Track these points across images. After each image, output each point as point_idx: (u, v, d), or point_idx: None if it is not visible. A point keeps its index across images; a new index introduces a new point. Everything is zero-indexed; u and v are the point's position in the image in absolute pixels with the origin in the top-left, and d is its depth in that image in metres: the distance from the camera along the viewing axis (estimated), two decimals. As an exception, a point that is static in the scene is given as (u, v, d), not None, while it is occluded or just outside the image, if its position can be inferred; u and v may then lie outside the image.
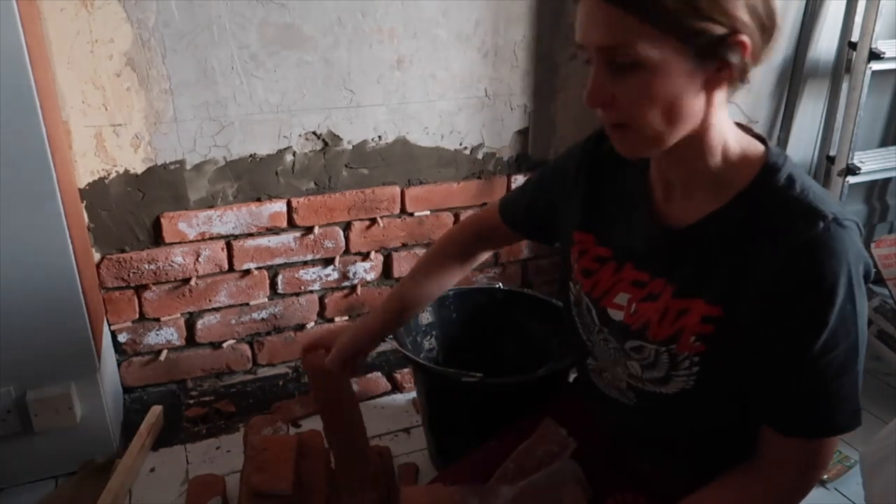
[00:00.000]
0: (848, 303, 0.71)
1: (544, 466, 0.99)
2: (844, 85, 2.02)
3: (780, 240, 0.71)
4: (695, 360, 0.79)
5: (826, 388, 0.74)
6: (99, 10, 1.44)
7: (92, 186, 1.57)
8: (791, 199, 0.73)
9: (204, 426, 1.69)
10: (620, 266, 0.87)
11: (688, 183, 0.79)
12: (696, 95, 0.70)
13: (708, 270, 0.77)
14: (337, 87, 1.69)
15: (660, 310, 0.81)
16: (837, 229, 0.70)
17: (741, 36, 0.67)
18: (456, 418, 1.46)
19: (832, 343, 0.72)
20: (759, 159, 0.76)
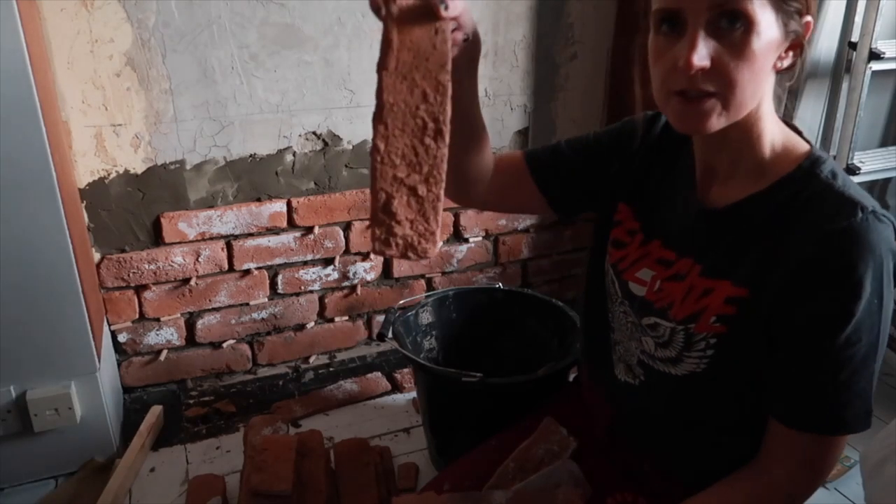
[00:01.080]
0: (875, 297, 0.71)
1: (545, 466, 0.99)
2: (844, 85, 2.02)
3: (817, 226, 0.72)
4: (711, 341, 0.79)
5: (843, 381, 0.73)
6: (99, 10, 1.44)
7: (92, 186, 1.57)
8: (832, 189, 0.74)
9: (204, 426, 1.69)
10: (647, 241, 0.88)
11: (730, 168, 0.80)
12: (770, 71, 0.73)
13: (740, 252, 0.77)
14: (337, 87, 1.69)
15: (685, 289, 0.81)
16: (875, 221, 0.71)
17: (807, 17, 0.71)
18: (456, 418, 1.46)
19: (856, 336, 0.71)
20: (804, 153, 0.78)
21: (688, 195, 0.85)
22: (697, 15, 0.68)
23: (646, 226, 0.89)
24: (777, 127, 0.78)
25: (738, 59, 0.69)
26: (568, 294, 2.18)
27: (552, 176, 0.98)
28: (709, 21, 0.68)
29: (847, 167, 2.00)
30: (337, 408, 1.76)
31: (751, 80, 0.70)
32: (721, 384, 0.82)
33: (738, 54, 0.69)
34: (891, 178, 2.29)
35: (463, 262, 2.01)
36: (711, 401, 0.84)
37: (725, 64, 0.69)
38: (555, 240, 2.10)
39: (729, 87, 0.70)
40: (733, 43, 0.68)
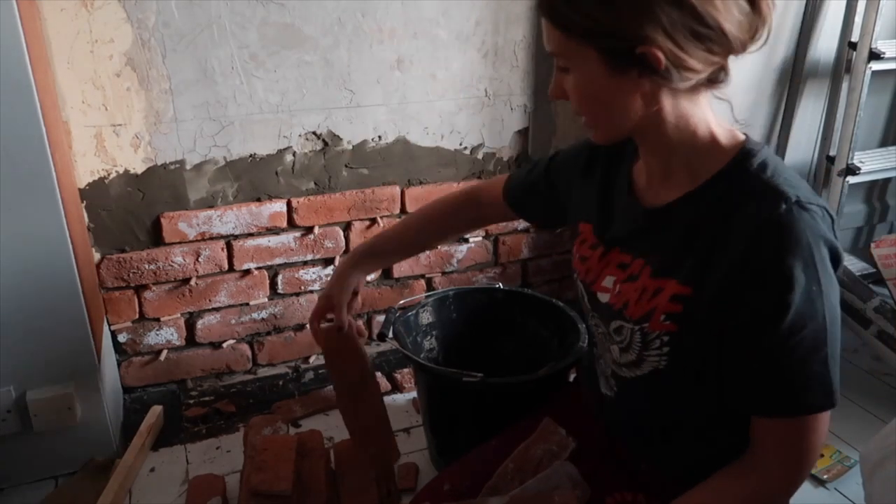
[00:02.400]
0: (813, 284, 0.73)
1: (544, 466, 0.99)
2: (844, 85, 2.02)
3: (746, 221, 0.74)
4: (665, 339, 0.81)
5: (794, 368, 0.75)
6: (99, 10, 1.44)
7: (92, 186, 1.57)
8: (760, 181, 0.76)
9: (204, 426, 1.69)
10: (608, 251, 0.91)
11: (664, 168, 0.84)
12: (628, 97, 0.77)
13: (682, 251, 0.80)
14: (337, 87, 1.69)
15: (638, 289, 0.84)
16: (799, 211, 0.73)
17: (650, 48, 0.72)
18: (456, 418, 1.46)
19: (799, 324, 0.73)
20: (737, 147, 0.80)
21: (630, 198, 0.89)
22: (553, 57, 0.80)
23: (604, 237, 0.92)
24: (704, 125, 0.80)
25: (575, 96, 0.80)
26: (568, 294, 2.18)
27: (531, 207, 1.12)
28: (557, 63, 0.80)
29: (847, 167, 2.00)
30: (337, 408, 1.76)
31: (598, 109, 0.80)
32: (685, 379, 0.84)
33: (574, 92, 0.80)
34: (891, 178, 2.29)
35: (463, 262, 2.01)
36: (682, 396, 0.86)
37: (572, 99, 0.80)
38: (555, 240, 2.10)
39: (580, 113, 0.81)
40: (571, 84, 0.79)
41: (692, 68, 0.74)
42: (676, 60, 0.73)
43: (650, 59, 0.72)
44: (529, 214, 1.16)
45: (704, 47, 0.73)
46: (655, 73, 0.73)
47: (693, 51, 0.72)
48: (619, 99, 0.77)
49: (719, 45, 0.73)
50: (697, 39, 0.72)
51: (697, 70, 0.74)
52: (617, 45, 0.73)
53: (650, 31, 0.71)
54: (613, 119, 0.80)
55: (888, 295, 1.78)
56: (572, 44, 0.75)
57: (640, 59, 0.73)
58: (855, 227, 2.43)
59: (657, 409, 0.90)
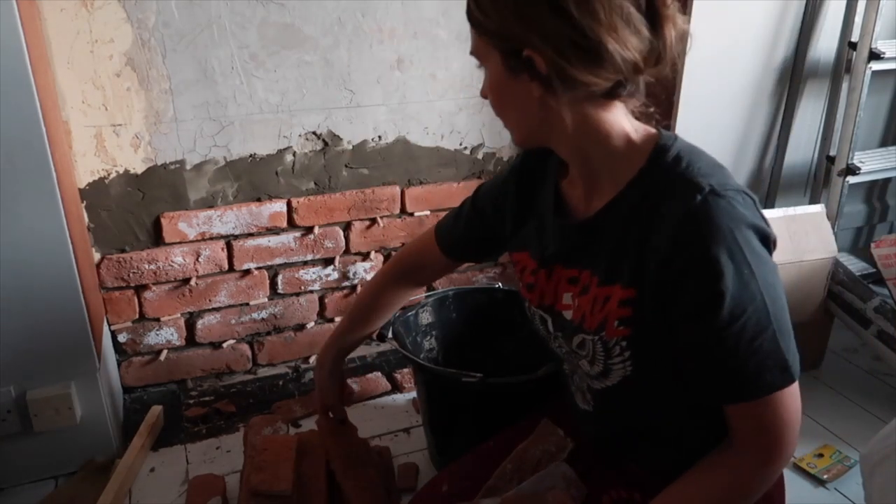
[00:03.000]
0: (744, 267, 0.73)
1: (542, 466, 0.99)
2: (844, 85, 2.02)
3: (665, 216, 0.75)
4: (623, 344, 0.82)
5: (745, 352, 0.74)
6: (99, 10, 1.44)
7: (92, 186, 1.57)
8: (675, 174, 0.77)
9: (204, 426, 1.69)
10: (550, 271, 0.91)
11: (588, 177, 0.85)
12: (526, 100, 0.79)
13: (619, 256, 0.81)
14: (337, 87, 1.69)
15: (591, 300, 0.84)
16: (715, 199, 0.73)
17: (531, 52, 0.74)
18: (456, 418, 1.45)
19: (738, 310, 0.73)
20: (650, 145, 0.80)
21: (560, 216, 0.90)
22: None
23: (542, 260, 0.93)
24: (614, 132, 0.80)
25: (488, 93, 0.84)
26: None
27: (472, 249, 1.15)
28: None
29: (847, 167, 2.00)
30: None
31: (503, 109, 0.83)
32: (655, 381, 0.84)
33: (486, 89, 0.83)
34: (891, 178, 2.29)
35: (463, 262, 2.01)
36: (656, 398, 0.87)
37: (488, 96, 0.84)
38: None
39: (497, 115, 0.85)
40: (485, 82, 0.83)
41: (577, 79, 0.74)
42: (558, 69, 0.74)
43: (534, 62, 0.75)
44: (473, 256, 1.19)
45: (587, 61, 0.73)
46: (541, 78, 0.75)
47: (576, 63, 0.73)
48: (518, 101, 0.80)
49: (604, 62, 0.73)
50: (580, 52, 0.73)
51: (585, 82, 0.75)
52: (506, 46, 0.76)
53: (532, 36, 0.73)
54: (518, 121, 0.83)
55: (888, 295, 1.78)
56: (482, 45, 0.80)
57: (527, 63, 0.75)
58: (855, 227, 2.43)
59: (635, 415, 0.90)
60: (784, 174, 2.13)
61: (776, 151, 2.10)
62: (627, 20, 0.73)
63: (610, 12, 0.72)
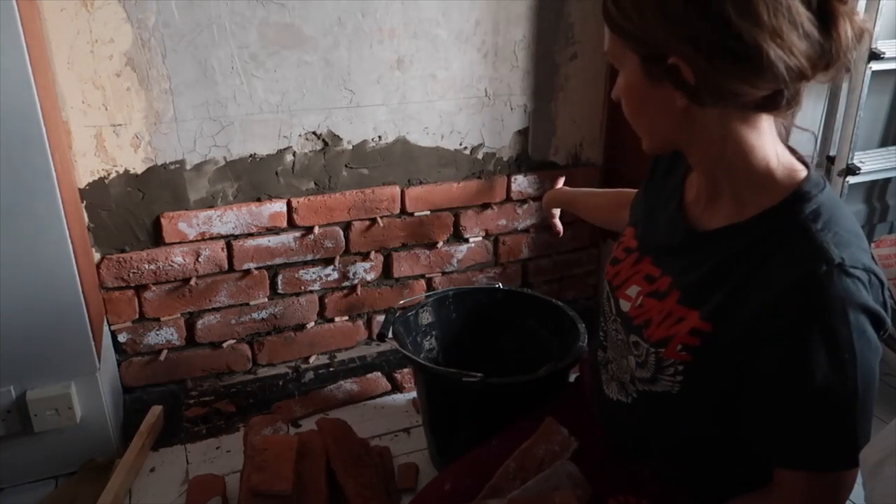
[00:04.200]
0: (845, 351, 0.68)
1: (546, 466, 0.99)
2: (844, 85, 2.02)
3: (781, 272, 0.70)
4: (679, 367, 0.79)
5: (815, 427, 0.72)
6: (99, 10, 1.44)
7: (92, 186, 1.57)
8: (808, 232, 0.71)
9: (204, 426, 1.69)
10: (640, 258, 0.90)
11: (712, 189, 0.80)
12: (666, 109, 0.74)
13: (713, 284, 0.77)
14: (337, 87, 1.69)
15: (663, 311, 0.81)
16: (840, 276, 0.68)
17: (678, 61, 0.69)
18: (456, 418, 1.46)
19: (823, 389, 0.69)
20: (794, 184, 0.74)
21: (675, 212, 0.86)
22: None
23: (641, 244, 0.91)
24: (763, 158, 0.74)
25: (621, 96, 0.78)
26: (568, 294, 2.18)
27: None
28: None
29: (847, 167, 2.00)
30: (337, 408, 1.76)
31: (635, 117, 0.78)
32: (699, 405, 0.82)
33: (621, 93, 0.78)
34: (891, 178, 2.29)
35: (463, 262, 2.01)
36: (693, 420, 0.84)
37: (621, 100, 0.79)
38: (555, 240, 2.10)
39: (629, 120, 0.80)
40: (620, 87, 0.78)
41: (729, 90, 0.68)
42: (708, 79, 0.68)
43: (680, 70, 0.69)
44: None
45: (743, 70, 0.67)
46: (687, 87, 0.70)
47: (729, 72, 0.67)
48: (655, 109, 0.75)
49: (763, 71, 0.66)
50: (735, 60, 0.66)
51: (738, 93, 0.68)
52: (649, 52, 0.70)
53: (678, 42, 0.67)
54: (653, 129, 0.78)
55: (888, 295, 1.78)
56: (619, 46, 0.74)
57: (671, 71, 0.69)
58: (855, 227, 2.42)
59: (667, 426, 0.87)
60: (784, 174, 2.13)
61: (776, 151, 2.10)
62: (794, 21, 0.64)
63: (775, 13, 0.64)
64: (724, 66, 0.67)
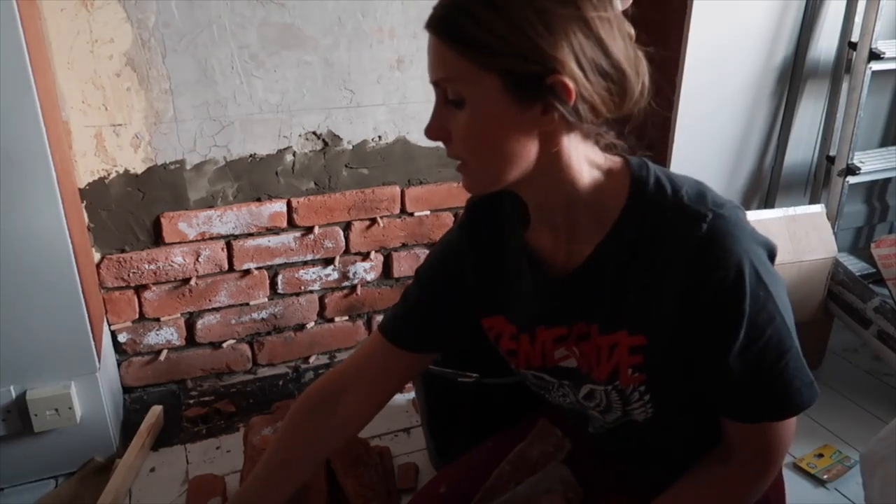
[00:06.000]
0: (759, 290, 0.70)
1: (540, 467, 0.99)
2: (844, 85, 2.02)
3: (671, 254, 0.71)
4: (641, 389, 0.79)
5: (771, 372, 0.73)
6: (99, 10, 1.44)
7: (92, 186, 1.57)
8: (667, 207, 0.72)
9: (204, 426, 1.69)
10: (533, 334, 0.84)
11: (568, 225, 0.77)
12: (526, 137, 0.69)
13: (619, 303, 0.76)
14: (337, 87, 1.69)
15: (594, 349, 0.79)
16: (720, 223, 0.69)
17: (561, 77, 0.64)
18: (454, 419, 1.45)
19: (756, 331, 0.71)
20: (625, 176, 0.74)
21: (536, 272, 0.82)
22: (434, 87, 0.71)
23: (524, 324, 0.85)
24: (593, 170, 0.74)
25: (465, 134, 0.69)
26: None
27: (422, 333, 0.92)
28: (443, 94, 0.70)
29: (847, 167, 2.00)
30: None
31: (488, 150, 0.70)
32: (677, 417, 0.83)
33: (465, 131, 0.69)
34: (891, 178, 2.29)
35: (463, 262, 2.01)
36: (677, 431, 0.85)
37: (458, 138, 0.70)
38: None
39: (469, 158, 0.71)
40: (462, 120, 0.69)
41: (596, 108, 0.67)
42: (584, 95, 0.66)
43: (560, 90, 0.65)
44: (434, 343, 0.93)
45: (606, 87, 0.67)
46: (561, 108, 0.66)
47: (597, 88, 0.67)
48: (515, 138, 0.68)
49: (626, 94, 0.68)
50: (601, 76, 0.66)
51: (600, 112, 0.68)
52: (527, 69, 0.64)
53: (563, 56, 0.64)
54: (503, 162, 0.70)
55: (888, 295, 1.78)
56: (472, 69, 0.66)
57: (548, 90, 0.65)
58: (855, 227, 2.43)
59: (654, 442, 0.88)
60: (784, 174, 2.13)
61: (776, 151, 2.10)
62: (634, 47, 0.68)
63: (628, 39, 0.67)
64: (596, 83, 0.66)
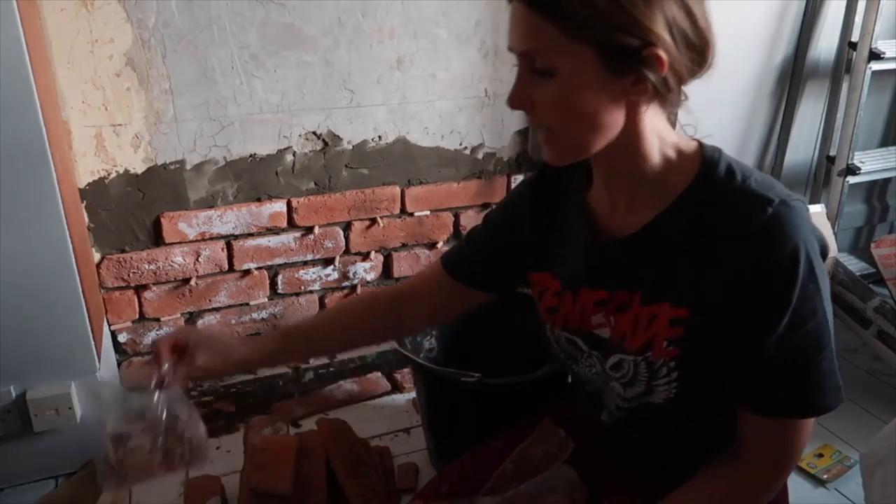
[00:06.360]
0: (809, 281, 0.71)
1: (543, 467, 0.99)
2: (844, 85, 2.02)
3: (733, 231, 0.72)
4: (671, 365, 0.79)
5: (804, 366, 0.74)
6: (99, 10, 1.44)
7: (92, 186, 1.57)
8: (734, 189, 0.73)
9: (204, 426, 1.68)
10: (576, 294, 0.86)
11: (631, 193, 0.79)
12: (616, 107, 0.70)
13: (667, 274, 0.77)
14: (337, 87, 1.69)
15: (632, 319, 0.80)
16: (786, 211, 0.71)
17: (656, 50, 0.66)
18: (455, 419, 1.45)
19: (799, 321, 0.72)
20: (696, 157, 0.77)
21: (590, 235, 0.84)
22: (518, 58, 0.72)
23: (568, 281, 0.87)
24: (664, 144, 0.76)
25: (550, 104, 0.71)
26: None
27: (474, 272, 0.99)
28: (529, 65, 0.71)
29: (847, 167, 2.00)
30: (337, 408, 1.76)
31: (577, 122, 0.71)
32: (698, 398, 0.82)
33: (549, 100, 0.71)
34: (891, 178, 2.29)
35: (463, 262, 2.01)
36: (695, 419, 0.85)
37: (542, 107, 0.72)
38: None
39: (552, 129, 0.73)
40: (550, 90, 0.70)
41: (682, 78, 0.70)
42: (675, 66, 0.68)
43: (653, 62, 0.66)
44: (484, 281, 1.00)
45: (695, 61, 0.69)
46: (652, 79, 0.68)
47: (685, 59, 0.69)
48: (605, 108, 0.70)
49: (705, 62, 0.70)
50: (688, 47, 0.68)
51: (684, 81, 0.71)
52: (623, 42, 0.65)
53: (659, 29, 0.65)
54: (591, 132, 0.72)
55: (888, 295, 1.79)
56: (565, 41, 0.66)
57: (641, 62, 0.67)
58: (855, 227, 2.43)
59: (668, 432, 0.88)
60: (784, 174, 2.13)
61: (776, 151, 2.11)
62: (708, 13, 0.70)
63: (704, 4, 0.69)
64: (685, 57, 0.69)
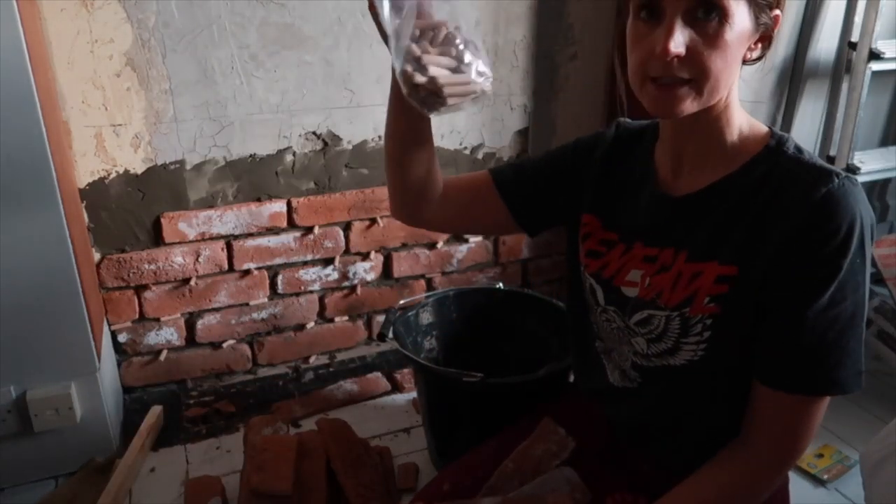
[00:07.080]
0: (858, 256, 0.74)
1: (543, 466, 0.99)
2: (844, 85, 2.02)
3: (799, 197, 0.75)
4: (707, 322, 0.80)
5: (832, 341, 0.75)
6: (99, 10, 1.44)
7: (92, 186, 1.57)
8: (804, 162, 0.77)
9: (204, 426, 1.69)
10: (630, 246, 0.89)
11: (700, 155, 0.82)
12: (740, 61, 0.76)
13: (721, 233, 0.79)
14: (337, 87, 1.69)
15: (672, 277, 0.83)
16: (850, 185, 0.74)
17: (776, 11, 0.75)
18: (456, 418, 1.45)
19: (840, 295, 0.74)
20: (766, 134, 0.81)
21: (653, 190, 0.87)
22: (675, 4, 0.71)
23: (622, 233, 0.90)
24: (742, 113, 0.81)
25: (712, 48, 0.72)
26: (568, 294, 2.18)
27: (517, 189, 1.01)
28: (686, 10, 0.71)
29: (847, 167, 2.00)
30: (337, 408, 1.76)
31: (723, 69, 0.74)
32: (718, 372, 0.83)
33: (712, 44, 0.72)
34: (891, 178, 2.29)
35: (463, 262, 2.01)
36: (708, 392, 0.85)
37: (700, 53, 0.72)
38: (555, 240, 2.10)
39: (703, 75, 0.73)
40: (708, 33, 0.72)
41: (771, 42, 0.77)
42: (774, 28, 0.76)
43: (774, 23, 0.75)
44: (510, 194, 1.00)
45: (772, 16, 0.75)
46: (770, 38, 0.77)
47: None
48: (736, 64, 0.76)
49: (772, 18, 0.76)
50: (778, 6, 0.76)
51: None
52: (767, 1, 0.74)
53: None
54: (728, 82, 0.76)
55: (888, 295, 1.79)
56: None
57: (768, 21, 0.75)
58: (855, 227, 2.43)
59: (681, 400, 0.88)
60: (784, 174, 2.13)
61: (776, 151, 2.10)
62: None
63: None
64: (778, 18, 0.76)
